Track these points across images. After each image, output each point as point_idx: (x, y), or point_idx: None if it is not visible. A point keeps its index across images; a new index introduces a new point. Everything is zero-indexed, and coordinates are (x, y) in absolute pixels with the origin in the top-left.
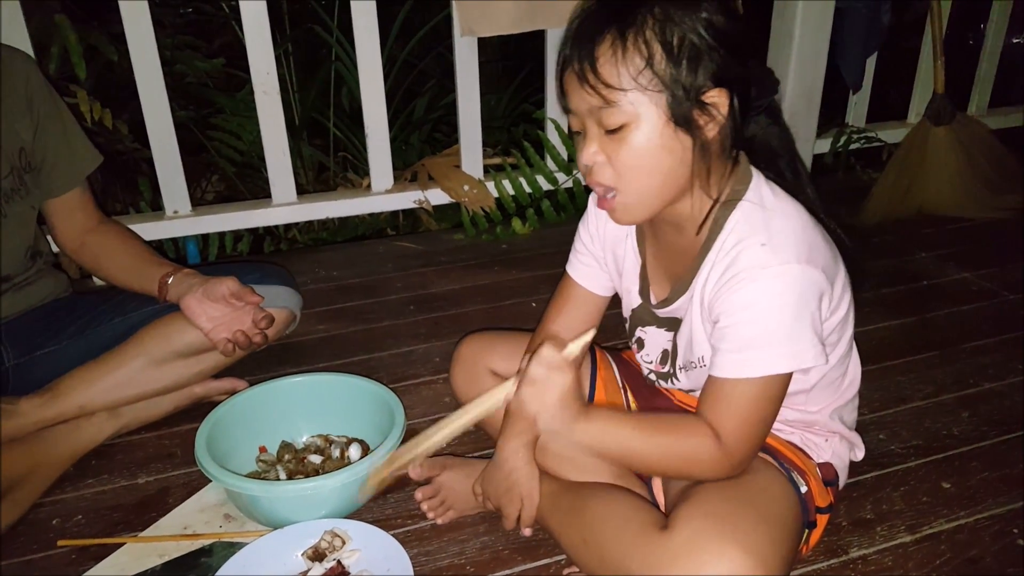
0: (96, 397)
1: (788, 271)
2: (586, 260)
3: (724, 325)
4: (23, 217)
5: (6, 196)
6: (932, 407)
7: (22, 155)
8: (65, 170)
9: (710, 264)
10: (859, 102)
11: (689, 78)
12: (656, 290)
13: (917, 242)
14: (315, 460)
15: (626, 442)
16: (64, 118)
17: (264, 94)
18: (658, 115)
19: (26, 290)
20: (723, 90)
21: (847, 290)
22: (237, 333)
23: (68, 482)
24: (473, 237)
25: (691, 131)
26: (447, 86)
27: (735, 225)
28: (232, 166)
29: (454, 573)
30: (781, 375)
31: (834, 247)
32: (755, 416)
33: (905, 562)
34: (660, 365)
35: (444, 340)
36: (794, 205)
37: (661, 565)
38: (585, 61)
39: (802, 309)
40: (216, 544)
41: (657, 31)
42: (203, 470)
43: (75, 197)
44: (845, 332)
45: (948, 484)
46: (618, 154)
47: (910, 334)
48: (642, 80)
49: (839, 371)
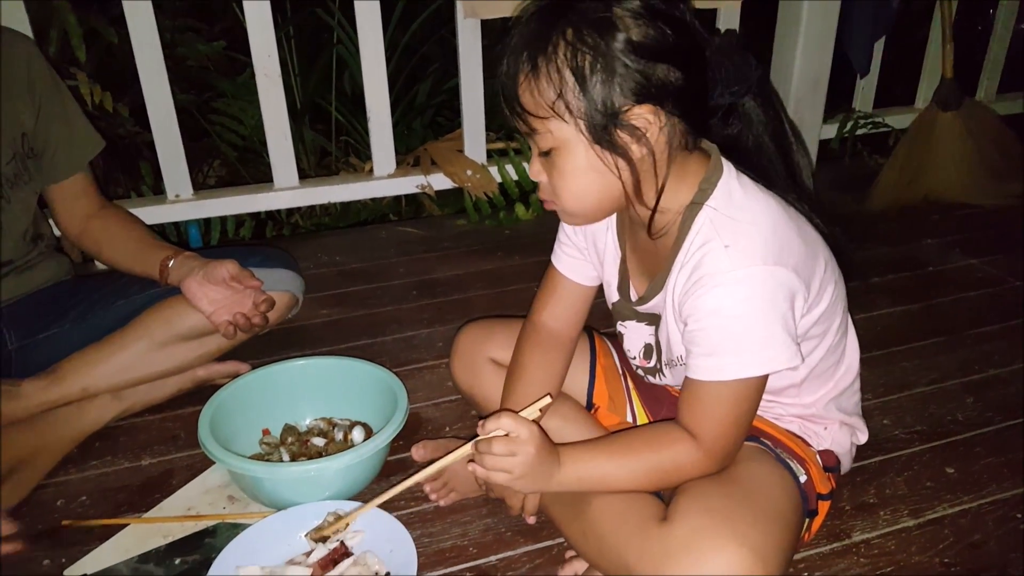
0: (99, 380)
1: (753, 274)
2: (570, 251)
3: (693, 329)
4: (25, 202)
5: (9, 182)
6: (937, 393)
7: (24, 140)
8: (67, 155)
9: (679, 266)
10: (866, 87)
11: (604, 102)
12: (636, 284)
13: (923, 229)
14: (318, 443)
15: (607, 474)
16: (66, 102)
17: (265, 77)
18: (580, 139)
19: (28, 274)
20: (649, 106)
21: (831, 282)
22: (238, 316)
23: (72, 464)
24: (476, 223)
25: (617, 151)
26: (450, 71)
27: (701, 226)
28: (233, 151)
29: (457, 555)
30: (755, 377)
31: (815, 241)
32: (731, 416)
33: (908, 546)
34: (644, 360)
35: (447, 325)
36: (764, 201)
37: (658, 560)
38: (508, 90)
39: (771, 312)
40: (220, 525)
41: (568, 57)
42: (207, 452)
43: (77, 182)
44: (832, 323)
45: (952, 469)
46: (551, 175)
47: (915, 320)
48: (558, 108)
49: (830, 361)
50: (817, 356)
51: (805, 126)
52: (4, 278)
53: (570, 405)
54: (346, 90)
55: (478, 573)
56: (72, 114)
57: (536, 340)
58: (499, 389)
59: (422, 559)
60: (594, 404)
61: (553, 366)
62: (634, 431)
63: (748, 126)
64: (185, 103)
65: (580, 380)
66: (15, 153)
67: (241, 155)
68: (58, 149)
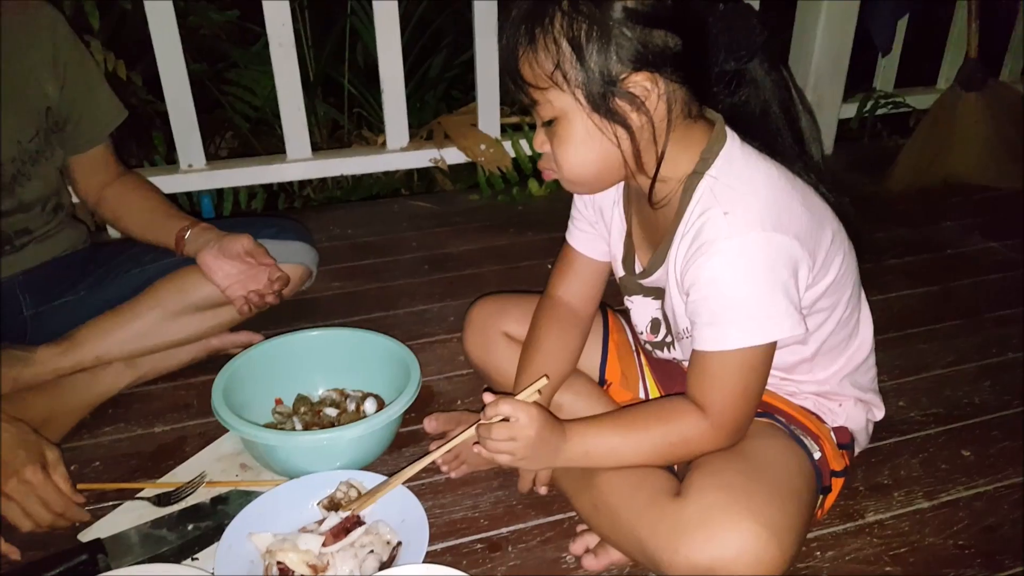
0: (113, 347)
1: (751, 240)
2: (582, 226)
3: (694, 299)
4: (47, 178)
5: (31, 159)
6: (954, 375)
7: (49, 115)
8: (90, 126)
9: (680, 236)
10: (888, 66)
11: (601, 71)
12: (640, 256)
13: (943, 211)
14: (331, 413)
15: (614, 448)
16: (90, 71)
17: (279, 46)
18: (579, 108)
19: (47, 242)
20: (647, 73)
21: (839, 253)
22: (251, 293)
23: (85, 430)
24: (489, 198)
25: (616, 120)
26: (463, 44)
27: (701, 195)
28: (246, 122)
29: (468, 526)
30: (760, 346)
31: (822, 211)
32: (738, 387)
33: (922, 527)
34: (652, 334)
35: (459, 300)
36: (766, 169)
37: (672, 535)
38: (508, 63)
39: (771, 279)
40: (232, 492)
41: (564, 26)
42: (220, 419)
43: (98, 152)
44: (842, 295)
45: (968, 452)
46: (553, 145)
47: (933, 302)
48: (556, 78)
49: (842, 335)
50: (827, 329)
51: (824, 105)
52: (25, 248)
53: (583, 381)
54: (359, 62)
55: (489, 544)
56: (96, 83)
57: (553, 315)
58: (512, 363)
59: (433, 530)
60: (606, 380)
61: (570, 341)
62: (642, 405)
63: (754, 92)
64: (198, 73)
65: (592, 356)
66: (38, 129)
67: (253, 127)
68: (81, 120)
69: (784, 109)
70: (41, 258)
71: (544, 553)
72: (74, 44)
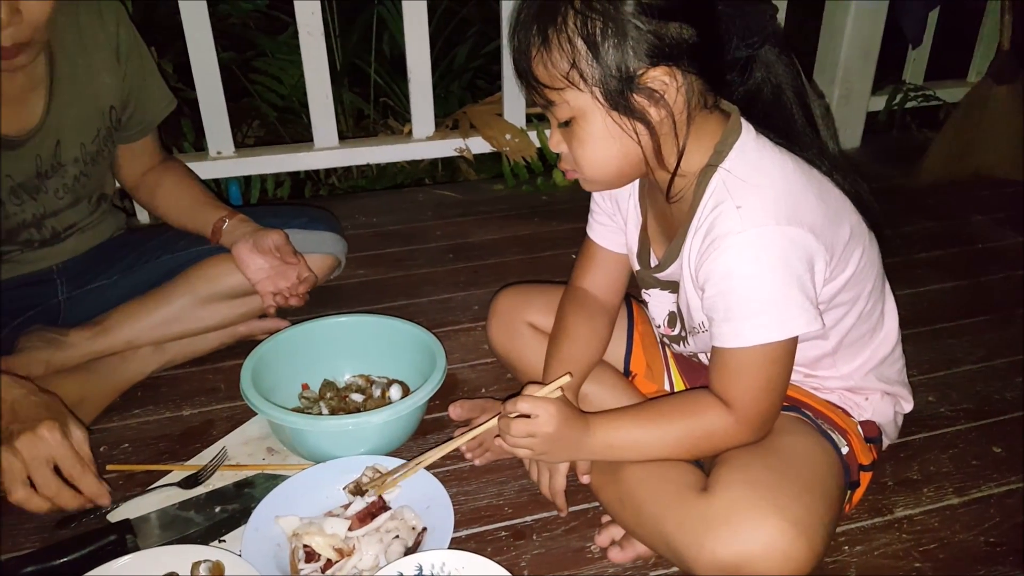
0: (143, 332)
1: (765, 234)
2: (601, 219)
3: (710, 295)
4: (101, 175)
5: (91, 159)
6: (984, 371)
7: (112, 113)
8: (143, 117)
9: (694, 230)
10: (918, 58)
11: (618, 68)
12: (656, 250)
13: (973, 205)
14: (357, 399)
15: (637, 441)
16: (146, 61)
17: (308, 35)
18: (597, 107)
19: (89, 232)
20: (666, 67)
21: (859, 246)
22: (278, 296)
23: (115, 412)
24: (513, 187)
25: (635, 116)
26: (489, 33)
27: (714, 189)
28: (273, 111)
29: (492, 514)
30: (778, 341)
31: (840, 203)
32: (760, 382)
33: (952, 523)
34: (668, 328)
35: (483, 288)
36: (780, 161)
37: (698, 530)
38: (521, 64)
39: (785, 273)
40: (259, 476)
41: (578, 25)
42: (249, 403)
43: (146, 140)
44: (863, 288)
45: (999, 448)
46: (571, 145)
47: (963, 297)
48: (572, 78)
49: (864, 328)
50: (848, 323)
51: (853, 97)
52: (68, 239)
53: (608, 372)
54: (385, 52)
55: (513, 532)
56: (150, 73)
57: (579, 303)
58: (537, 353)
59: (458, 516)
60: (631, 371)
61: (597, 328)
62: (666, 398)
63: (766, 78)
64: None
65: (617, 347)
66: (99, 129)
67: (280, 115)
68: (135, 111)
69: (797, 94)
70: (83, 248)
71: (569, 542)
72: (134, 35)
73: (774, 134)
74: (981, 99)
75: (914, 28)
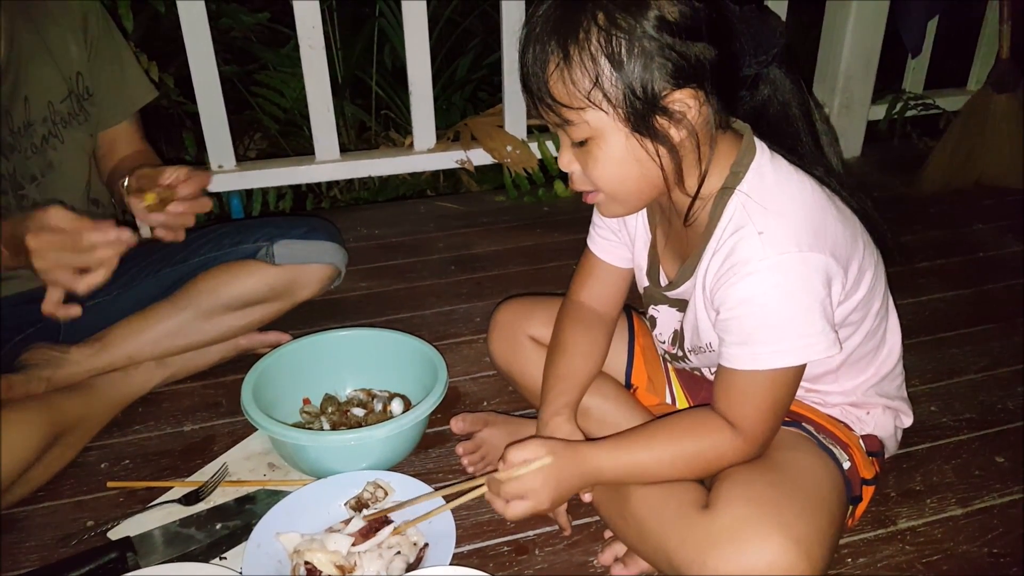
0: (144, 347)
1: (788, 261)
2: (604, 233)
3: (725, 317)
4: (80, 146)
5: (63, 120)
6: (987, 380)
7: (79, 80)
8: (118, 99)
9: (711, 252)
10: (917, 67)
11: (643, 88)
12: (666, 268)
13: (975, 213)
14: (358, 413)
15: (646, 468)
16: (119, 45)
17: (309, 48)
18: (618, 128)
19: None
20: (688, 89)
21: (870, 266)
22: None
23: (116, 428)
24: (515, 199)
25: (657, 138)
26: (491, 45)
27: (733, 212)
28: (275, 123)
29: (494, 528)
30: (793, 366)
31: (853, 222)
32: (768, 403)
33: (956, 535)
34: (672, 346)
35: (486, 300)
36: (799, 183)
37: (701, 548)
38: (538, 83)
39: (808, 299)
40: (260, 492)
41: (602, 43)
42: (249, 418)
43: (124, 128)
44: (870, 308)
45: (1002, 459)
46: (587, 166)
47: (966, 306)
48: (594, 98)
49: (869, 346)
50: (855, 342)
51: (854, 106)
52: None
53: (610, 384)
54: (387, 64)
55: (515, 547)
56: (125, 58)
57: (576, 316)
58: (537, 367)
59: (460, 531)
60: (633, 384)
61: (595, 342)
62: (669, 421)
63: (773, 95)
64: (228, 74)
65: (618, 360)
66: (70, 91)
67: (282, 128)
68: (109, 91)
69: (803, 111)
70: None
71: (571, 557)
72: (103, 19)
73: (783, 151)
74: (981, 108)
75: (914, 37)
